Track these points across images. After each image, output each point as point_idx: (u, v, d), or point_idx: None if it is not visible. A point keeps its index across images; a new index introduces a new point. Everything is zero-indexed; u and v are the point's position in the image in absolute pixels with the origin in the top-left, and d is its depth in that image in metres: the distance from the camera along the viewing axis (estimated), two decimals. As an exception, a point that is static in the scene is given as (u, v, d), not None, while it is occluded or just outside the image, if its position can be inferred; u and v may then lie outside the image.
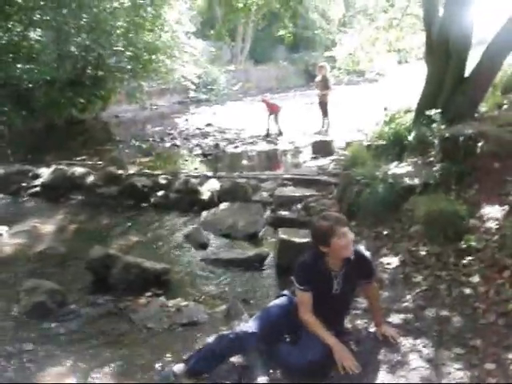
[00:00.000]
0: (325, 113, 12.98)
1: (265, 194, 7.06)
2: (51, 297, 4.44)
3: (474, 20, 7.10)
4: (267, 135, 13.04)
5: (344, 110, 15.16)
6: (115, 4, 15.74)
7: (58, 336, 4.02)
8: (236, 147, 11.63)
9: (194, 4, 21.90)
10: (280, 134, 12.98)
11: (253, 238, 6.01)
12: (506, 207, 4.63)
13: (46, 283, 4.61)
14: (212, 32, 28.44)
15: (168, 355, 3.65)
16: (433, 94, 7.54)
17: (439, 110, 6.85)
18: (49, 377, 3.45)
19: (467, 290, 4.03)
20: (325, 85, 12.79)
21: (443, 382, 3.14)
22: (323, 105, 12.94)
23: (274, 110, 13.09)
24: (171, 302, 4.45)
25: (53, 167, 8.64)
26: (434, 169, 5.88)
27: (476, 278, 4.23)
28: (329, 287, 3.40)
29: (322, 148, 9.21)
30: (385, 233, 5.35)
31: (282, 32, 13.17)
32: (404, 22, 13.34)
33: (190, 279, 5.09)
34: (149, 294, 4.66)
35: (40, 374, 3.49)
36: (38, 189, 8.34)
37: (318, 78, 13.14)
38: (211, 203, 7.05)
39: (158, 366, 3.52)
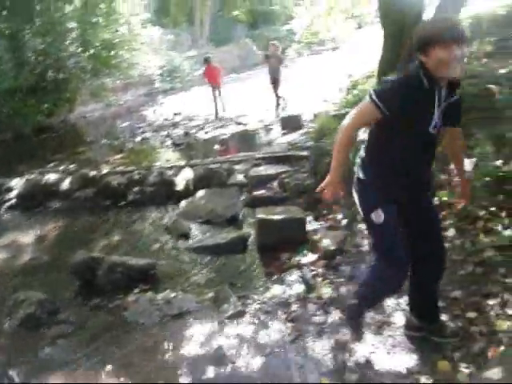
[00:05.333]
0: (277, 89, 13.06)
1: (240, 177, 7.10)
2: (41, 307, 4.45)
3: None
4: (216, 116, 13.21)
5: (308, 81, 15.18)
6: (68, 8, 15.52)
7: (52, 345, 4.05)
8: (206, 133, 11.63)
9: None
10: (219, 114, 13.18)
11: (233, 222, 6.06)
12: (474, 159, 4.73)
13: (33, 294, 4.63)
14: (168, 19, 28.36)
15: (164, 347, 3.73)
16: (392, 57, 7.59)
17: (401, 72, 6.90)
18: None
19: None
20: (277, 61, 12.88)
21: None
22: (275, 81, 13.02)
23: (215, 82, 13.23)
24: (160, 296, 4.50)
25: (25, 177, 8.58)
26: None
27: (452, 232, 4.35)
28: (428, 118, 2.76)
29: (291, 123, 9.24)
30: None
31: (236, 12, 13.18)
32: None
33: (176, 270, 5.12)
34: (137, 290, 4.69)
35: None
36: (13, 201, 8.27)
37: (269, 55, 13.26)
38: (188, 192, 7.07)
39: (156, 358, 3.60)
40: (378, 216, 2.85)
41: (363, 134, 4.22)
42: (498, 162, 4.50)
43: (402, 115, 2.67)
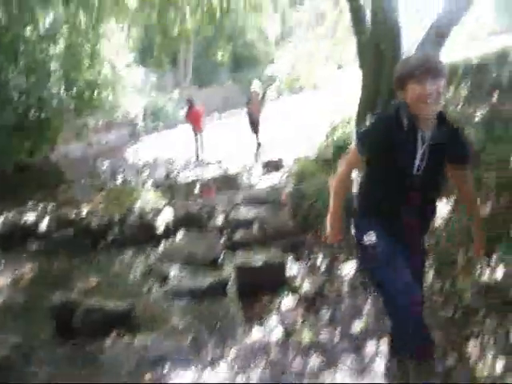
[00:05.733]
0: (257, 134, 13.33)
1: (220, 219, 7.12)
2: (15, 351, 4.36)
3: (403, 21, 7.36)
4: (198, 158, 13.37)
5: (289, 124, 15.38)
6: (51, 50, 15.65)
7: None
8: (187, 175, 11.69)
9: (131, 33, 21.92)
10: (201, 156, 13.35)
11: (213, 265, 6.03)
12: (452, 201, 4.81)
13: (8, 337, 4.52)
14: (152, 60, 28.62)
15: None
16: (371, 98, 7.69)
17: (380, 114, 7.01)
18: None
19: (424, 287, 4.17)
20: (257, 108, 13.17)
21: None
22: (255, 126, 13.29)
23: (197, 124, 13.44)
24: (137, 339, 4.43)
25: (3, 216, 8.49)
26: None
27: (431, 274, 4.39)
28: (409, 159, 2.70)
29: (272, 166, 9.36)
30: (341, 241, 5.46)
31: (219, 55, 13.46)
32: (338, 32, 13.74)
33: (154, 313, 5.07)
34: (114, 334, 4.61)
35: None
36: (-9, 241, 8.15)
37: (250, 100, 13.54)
38: (168, 234, 7.06)
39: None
40: (371, 236, 2.81)
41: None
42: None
43: (376, 154, 2.71)
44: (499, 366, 3.10)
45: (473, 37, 15.62)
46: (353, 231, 3.04)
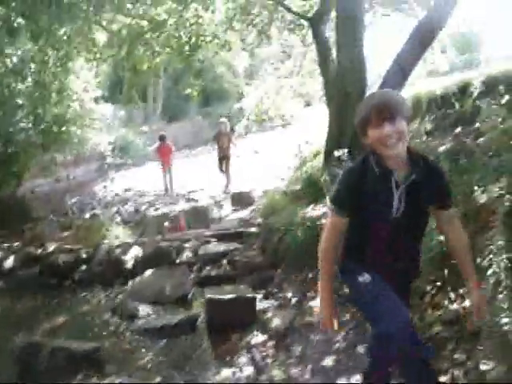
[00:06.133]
0: (228, 166, 13.33)
1: (189, 254, 7.06)
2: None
3: (368, 58, 7.51)
4: (167, 193, 13.37)
5: (258, 157, 15.48)
6: (19, 84, 15.57)
7: None
8: (157, 209, 11.63)
9: (99, 69, 21.98)
10: (170, 190, 13.37)
11: (182, 301, 5.95)
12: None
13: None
14: (120, 96, 28.64)
15: None
16: (338, 134, 7.79)
17: (346, 149, 7.10)
18: None
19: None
20: (226, 140, 13.21)
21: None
22: (225, 158, 13.33)
23: (167, 160, 13.51)
24: (105, 381, 4.31)
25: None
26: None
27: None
28: (386, 203, 2.59)
29: (241, 199, 9.38)
30: (310, 276, 5.45)
31: (189, 90, 13.51)
32: (304, 69, 13.96)
33: (122, 353, 4.94)
34: (80, 376, 4.49)
35: None
36: (-47, 281, 7.93)
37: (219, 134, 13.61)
38: (136, 271, 6.93)
39: None
40: (363, 275, 2.65)
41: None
42: (442, 237, 4.61)
43: (353, 205, 2.61)
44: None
45: (434, 73, 16.03)
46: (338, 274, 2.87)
